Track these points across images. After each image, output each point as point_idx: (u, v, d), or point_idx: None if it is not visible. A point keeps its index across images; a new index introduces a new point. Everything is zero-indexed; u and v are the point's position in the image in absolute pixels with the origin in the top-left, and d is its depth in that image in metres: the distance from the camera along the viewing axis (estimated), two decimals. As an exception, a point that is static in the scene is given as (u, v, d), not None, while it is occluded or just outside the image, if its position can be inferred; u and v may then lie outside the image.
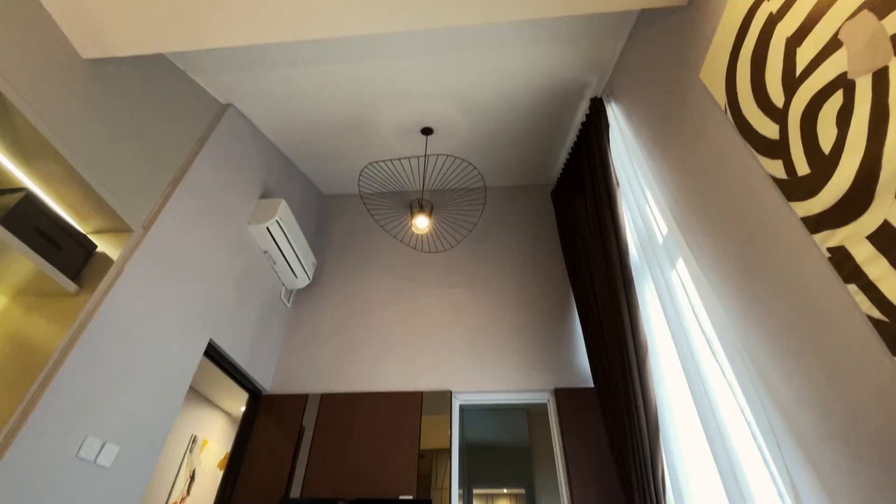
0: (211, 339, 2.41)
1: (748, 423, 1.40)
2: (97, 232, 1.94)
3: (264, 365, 2.95)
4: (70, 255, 1.75)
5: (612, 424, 2.27)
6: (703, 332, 1.66)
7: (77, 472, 1.60)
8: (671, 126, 1.91)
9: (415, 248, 3.63)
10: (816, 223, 1.12)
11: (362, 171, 3.70)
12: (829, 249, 1.08)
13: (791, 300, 1.21)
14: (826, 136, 1.09)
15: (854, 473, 1.03)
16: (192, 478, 4.15)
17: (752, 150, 1.37)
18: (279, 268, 3.14)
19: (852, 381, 1.03)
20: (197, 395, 4.32)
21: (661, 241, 2.05)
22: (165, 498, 3.84)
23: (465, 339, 3.10)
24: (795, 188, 1.19)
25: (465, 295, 3.34)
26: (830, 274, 1.09)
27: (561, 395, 2.76)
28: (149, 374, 1.95)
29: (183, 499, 4.01)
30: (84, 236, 1.85)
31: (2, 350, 1.60)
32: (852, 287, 1.02)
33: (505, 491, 3.85)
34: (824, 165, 1.10)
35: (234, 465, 2.65)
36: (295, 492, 2.52)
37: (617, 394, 2.23)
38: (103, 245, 1.89)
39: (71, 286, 1.70)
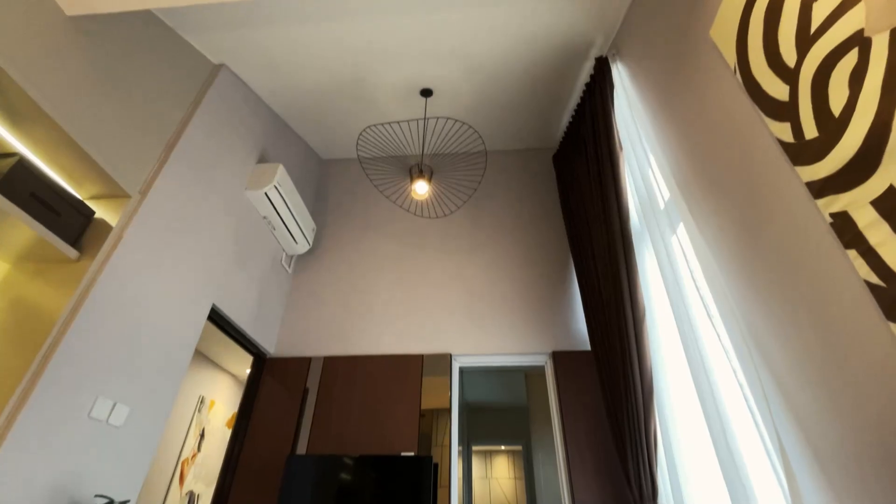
0: (214, 304, 2.44)
1: (740, 385, 1.44)
2: (94, 198, 1.92)
3: (267, 329, 3.01)
4: (68, 221, 1.74)
5: (608, 386, 2.34)
6: (701, 298, 1.68)
7: (91, 430, 1.66)
8: (678, 87, 1.85)
9: (414, 214, 3.61)
10: (820, 188, 1.11)
11: (360, 134, 3.63)
12: (832, 215, 1.07)
13: (790, 266, 1.21)
14: (837, 97, 1.06)
15: (842, 436, 1.07)
16: (202, 435, 4.32)
17: (760, 113, 1.33)
18: (279, 234, 3.14)
19: (846, 345, 1.05)
20: (203, 358, 4.42)
21: (662, 206, 2.04)
22: (177, 454, 4.00)
23: (465, 303, 3.14)
24: (802, 152, 1.17)
25: (465, 260, 3.35)
26: (831, 240, 1.08)
27: (558, 357, 2.82)
28: (154, 337, 1.99)
29: (194, 455, 4.18)
30: (81, 202, 1.83)
31: (9, 315, 1.62)
32: (852, 253, 1.02)
33: (503, 448, 4.00)
34: (833, 128, 1.07)
35: (242, 424, 2.75)
36: (301, 449, 2.63)
37: (614, 357, 2.28)
38: (101, 211, 1.88)
39: (72, 252, 1.71)
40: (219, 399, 4.62)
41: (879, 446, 0.96)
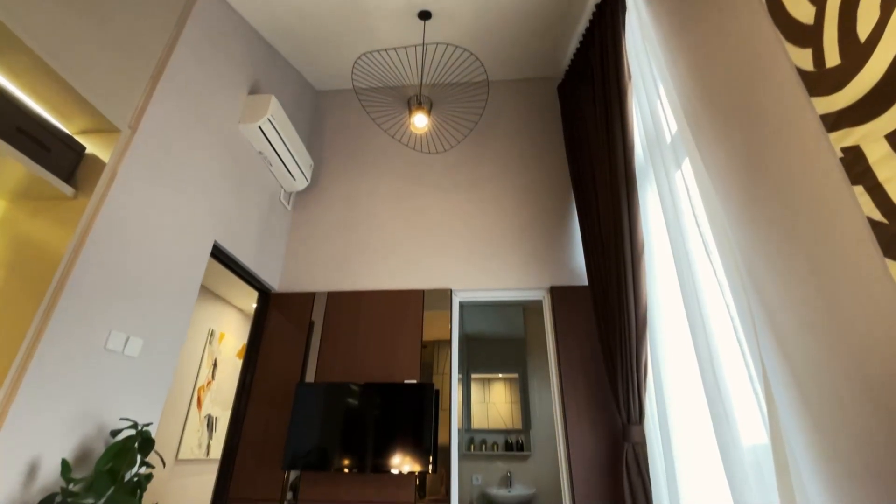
0: (216, 241, 2.45)
1: (731, 319, 1.48)
2: (83, 133, 1.86)
3: (270, 265, 3.05)
4: (60, 157, 1.70)
5: (603, 318, 2.42)
6: (700, 233, 1.69)
7: (109, 362, 1.75)
8: (696, 8, 1.72)
9: (414, 149, 3.52)
10: (835, 121, 1.06)
11: (356, 62, 3.44)
12: (843, 150, 1.04)
13: (793, 203, 1.20)
14: (866, 19, 0.99)
15: (826, 367, 1.12)
16: (215, 365, 4.55)
17: (781, 38, 1.25)
18: (276, 170, 3.08)
19: (841, 281, 1.06)
20: (210, 293, 4.54)
21: (668, 139, 1.98)
22: (193, 382, 4.24)
23: (465, 239, 3.16)
24: (820, 81, 1.11)
25: (465, 195, 3.33)
26: (838, 176, 1.06)
27: (556, 292, 2.89)
28: (160, 274, 2.03)
29: (209, 382, 4.44)
30: (71, 137, 1.78)
31: (14, 252, 1.64)
32: (858, 189, 1.00)
33: (500, 375, 4.23)
34: (857, 55, 1.01)
35: (252, 355, 2.88)
36: (309, 377, 2.78)
37: (610, 291, 2.33)
38: (92, 147, 1.83)
39: (67, 189, 1.69)
40: (228, 332, 4.81)
41: (861, 378, 1.01)
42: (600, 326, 2.44)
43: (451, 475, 2.50)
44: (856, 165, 1.01)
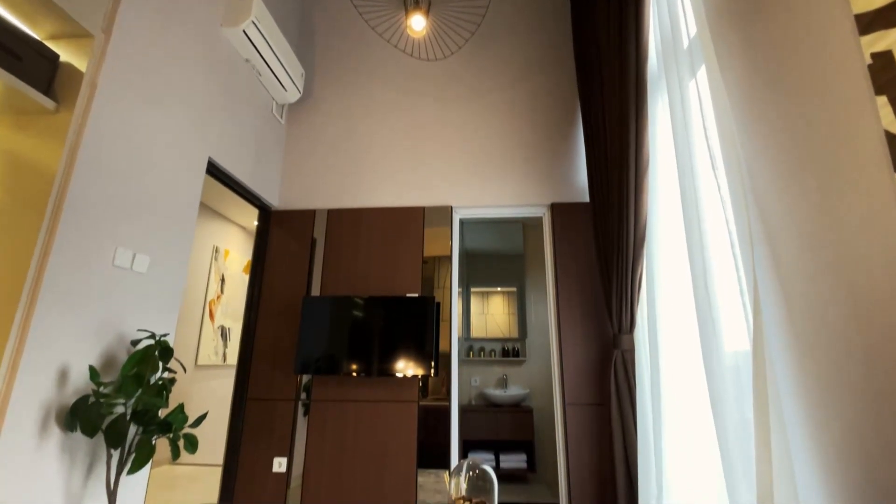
0: (210, 157, 2.39)
1: (730, 234, 1.50)
2: (53, 38, 1.72)
3: (268, 182, 3.01)
4: (33, 66, 1.59)
5: (602, 234, 2.44)
6: (709, 147, 1.64)
7: (119, 277, 1.80)
8: None
9: (411, 56, 3.29)
10: (870, 22, 0.98)
11: (344, -47, 3.07)
12: (873, 55, 0.97)
13: (809, 112, 1.15)
14: None
15: (815, 284, 1.15)
16: (223, 280, 4.69)
17: (826, -81, 1.10)
18: (266, 80, 2.90)
19: (846, 199, 1.05)
20: (212, 211, 4.53)
21: (686, 44, 1.84)
22: (203, 296, 4.41)
23: (466, 155, 3.08)
24: (861, -26, 1.00)
25: (466, 107, 3.18)
26: (862, 85, 1.00)
27: (556, 209, 2.88)
28: (158, 190, 2.01)
29: (218, 297, 4.61)
30: (41, 43, 1.65)
31: (6, 170, 1.60)
32: (881, 100, 0.95)
33: (499, 289, 4.38)
34: (908, -59, 0.90)
35: (257, 271, 2.96)
36: (315, 291, 2.88)
37: (611, 206, 2.33)
38: (65, 55, 1.70)
39: (47, 102, 1.60)
40: (232, 248, 4.89)
41: (849, 298, 1.05)
42: (599, 241, 2.47)
43: (451, 378, 2.70)
44: (883, 73, 0.95)
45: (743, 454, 1.42)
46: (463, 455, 3.63)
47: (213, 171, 2.49)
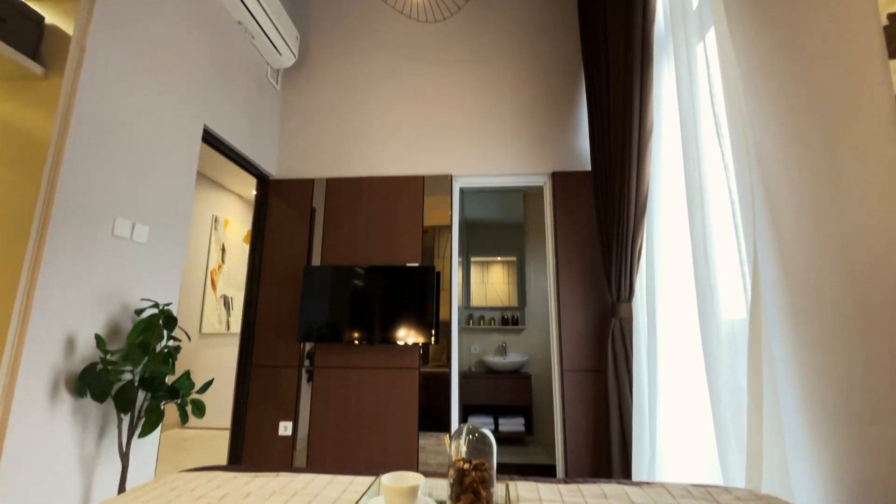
0: (205, 125, 2.35)
1: (732, 203, 1.49)
2: (36, -2, 1.65)
3: (265, 151, 2.97)
4: (17, 28, 1.54)
5: (603, 203, 2.43)
6: (714, 114, 1.60)
7: (119, 247, 1.80)
8: None
9: (409, 17, 3.17)
10: (889, -21, 0.93)
11: None
12: (890, 16, 0.93)
13: (820, 79, 1.12)
14: None
15: (815, 253, 1.15)
16: (223, 250, 4.70)
17: None
18: (259, 43, 2.81)
19: (852, 164, 1.04)
20: (210, 181, 4.49)
21: (695, 4, 1.77)
22: (205, 266, 4.43)
23: (466, 122, 3.02)
24: (884, -73, 0.95)
25: (466, 73, 3.09)
26: (876, 48, 0.97)
27: (557, 178, 2.85)
28: (154, 159, 1.98)
29: (220, 266, 4.64)
30: (24, 4, 1.59)
31: (0, 139, 1.58)
32: (894, 63, 0.92)
33: (499, 259, 4.40)
34: None
35: (257, 241, 2.96)
36: (315, 261, 2.89)
37: (613, 175, 2.31)
38: (50, 17, 1.64)
39: (35, 67, 1.56)
40: (232, 218, 4.87)
41: (846, 268, 1.05)
42: (599, 210, 2.46)
43: (451, 345, 2.75)
44: (899, 35, 0.91)
45: (734, 419, 1.47)
46: (463, 419, 3.74)
47: (209, 138, 2.45)
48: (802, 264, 1.19)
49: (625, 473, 2.19)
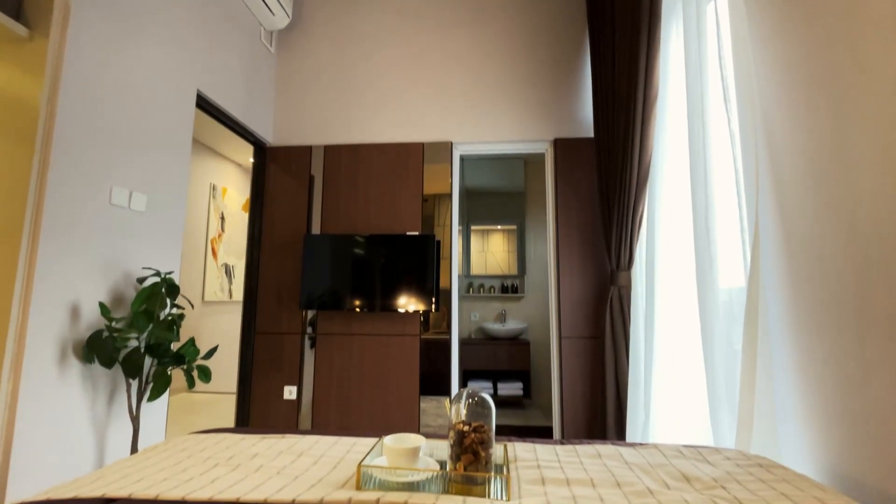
0: (199, 90, 2.29)
1: (736, 171, 1.47)
2: (16, -47, 1.57)
3: (261, 117, 2.90)
4: (-2, -14, 1.47)
5: (605, 170, 2.40)
6: (722, 77, 1.56)
7: (118, 216, 1.79)
8: None
9: (408, -26, 3.02)
10: (914, -69, 0.88)
11: None
12: (911, -29, 0.89)
13: (835, 41, 1.08)
14: None
15: (817, 220, 1.14)
16: (223, 219, 4.69)
17: None
18: (250, 2, 2.70)
19: (860, 131, 1.02)
20: (206, 148, 4.42)
21: (707, -40, 1.69)
22: (205, 234, 4.43)
23: (467, 88, 2.94)
24: None
25: (466, 35, 2.98)
26: (891, 21, 0.93)
27: (559, 144, 2.81)
28: (147, 126, 1.94)
29: (220, 235, 4.63)
30: (3, -40, 1.51)
31: (-15, 104, 1.54)
32: (912, 23, 0.89)
33: (499, 227, 4.38)
34: None
35: (256, 209, 2.95)
36: (315, 229, 2.88)
37: (616, 141, 2.27)
38: (32, -27, 1.57)
39: (19, 28, 1.50)
40: (229, 186, 4.83)
41: (846, 235, 1.04)
42: (601, 178, 2.43)
43: (451, 313, 2.79)
44: (919, -8, 0.87)
45: (728, 383, 1.50)
46: (463, 384, 3.84)
47: (203, 104, 2.39)
48: (803, 233, 1.19)
49: (619, 436, 2.26)
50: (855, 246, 1.02)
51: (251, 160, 3.03)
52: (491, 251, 4.38)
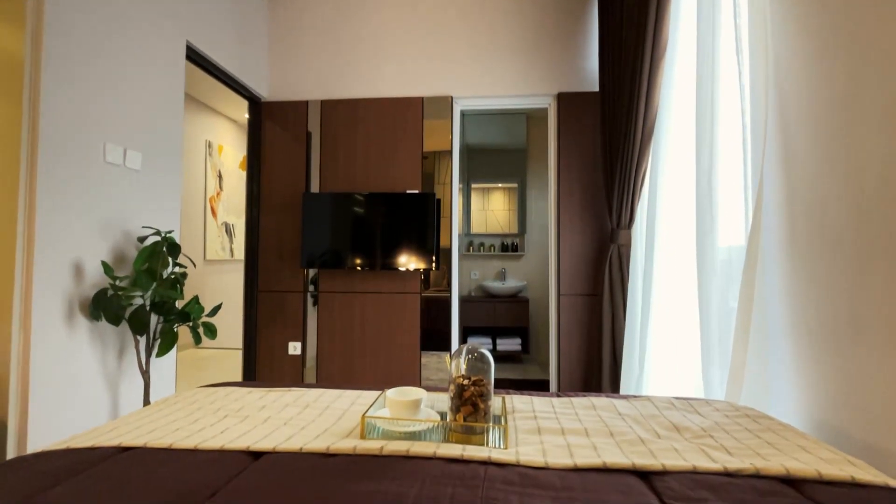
0: (188, 42, 2.19)
1: (743, 127, 1.43)
2: None
3: (256, 71, 2.80)
4: (-33, -74, 1.38)
5: (610, 125, 2.34)
6: (735, 26, 1.48)
7: (113, 174, 1.77)
8: None
9: (405, -89, 2.82)
10: None
11: None
12: None
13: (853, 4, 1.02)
14: None
15: (823, 180, 1.12)
16: (220, 177, 4.63)
17: None
18: (239, -56, 2.53)
19: (873, 87, 0.98)
20: (200, 104, 4.29)
21: None
22: (203, 193, 4.39)
23: (468, 38, 2.82)
24: None
25: (468, -19, 2.82)
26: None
27: (562, 99, 2.72)
28: (136, 79, 1.88)
29: (218, 193, 4.59)
30: None
31: (-34, 57, 1.48)
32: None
33: (500, 185, 4.34)
34: None
35: (254, 167, 2.90)
36: (314, 188, 2.86)
37: (621, 95, 2.20)
38: None
39: (-5, -26, 1.42)
40: (225, 143, 4.74)
41: (851, 194, 1.03)
42: (605, 133, 2.38)
43: (451, 271, 2.81)
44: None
45: (721, 339, 1.54)
46: (463, 340, 3.94)
47: (194, 56, 2.30)
48: (807, 192, 1.18)
49: (614, 389, 2.35)
50: (859, 208, 1.01)
51: (246, 116, 2.96)
52: (491, 209, 4.35)
